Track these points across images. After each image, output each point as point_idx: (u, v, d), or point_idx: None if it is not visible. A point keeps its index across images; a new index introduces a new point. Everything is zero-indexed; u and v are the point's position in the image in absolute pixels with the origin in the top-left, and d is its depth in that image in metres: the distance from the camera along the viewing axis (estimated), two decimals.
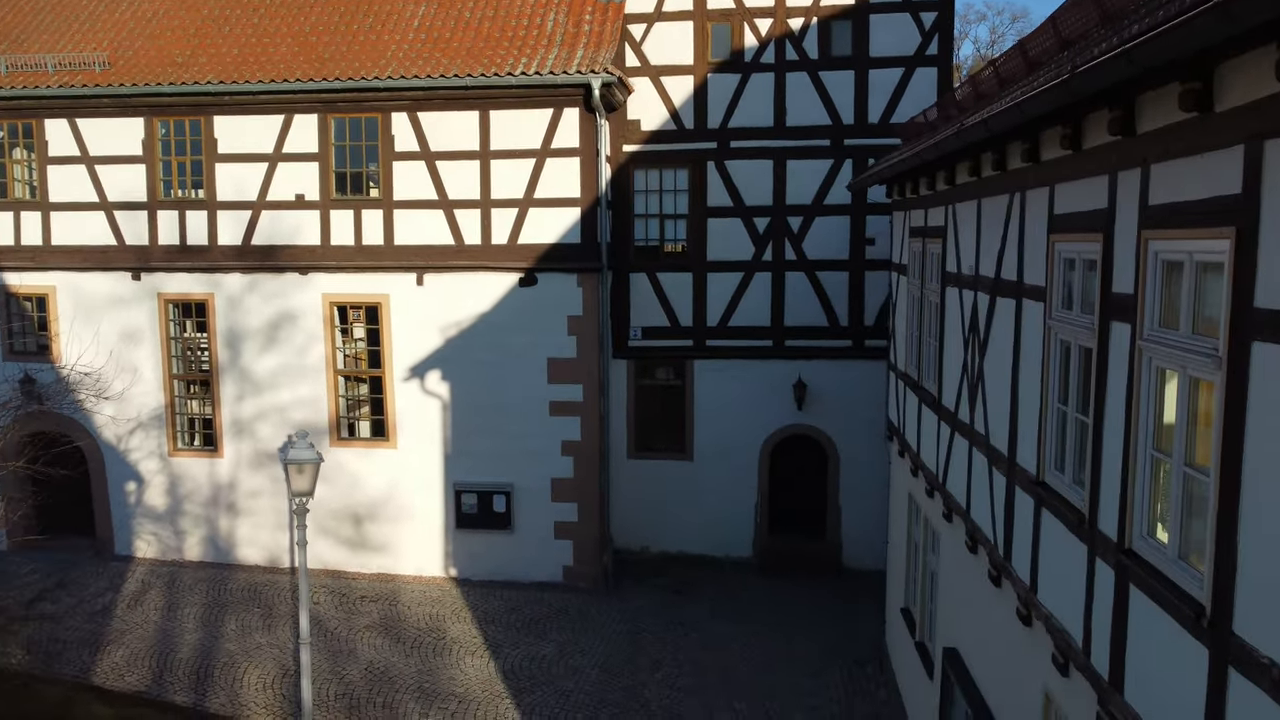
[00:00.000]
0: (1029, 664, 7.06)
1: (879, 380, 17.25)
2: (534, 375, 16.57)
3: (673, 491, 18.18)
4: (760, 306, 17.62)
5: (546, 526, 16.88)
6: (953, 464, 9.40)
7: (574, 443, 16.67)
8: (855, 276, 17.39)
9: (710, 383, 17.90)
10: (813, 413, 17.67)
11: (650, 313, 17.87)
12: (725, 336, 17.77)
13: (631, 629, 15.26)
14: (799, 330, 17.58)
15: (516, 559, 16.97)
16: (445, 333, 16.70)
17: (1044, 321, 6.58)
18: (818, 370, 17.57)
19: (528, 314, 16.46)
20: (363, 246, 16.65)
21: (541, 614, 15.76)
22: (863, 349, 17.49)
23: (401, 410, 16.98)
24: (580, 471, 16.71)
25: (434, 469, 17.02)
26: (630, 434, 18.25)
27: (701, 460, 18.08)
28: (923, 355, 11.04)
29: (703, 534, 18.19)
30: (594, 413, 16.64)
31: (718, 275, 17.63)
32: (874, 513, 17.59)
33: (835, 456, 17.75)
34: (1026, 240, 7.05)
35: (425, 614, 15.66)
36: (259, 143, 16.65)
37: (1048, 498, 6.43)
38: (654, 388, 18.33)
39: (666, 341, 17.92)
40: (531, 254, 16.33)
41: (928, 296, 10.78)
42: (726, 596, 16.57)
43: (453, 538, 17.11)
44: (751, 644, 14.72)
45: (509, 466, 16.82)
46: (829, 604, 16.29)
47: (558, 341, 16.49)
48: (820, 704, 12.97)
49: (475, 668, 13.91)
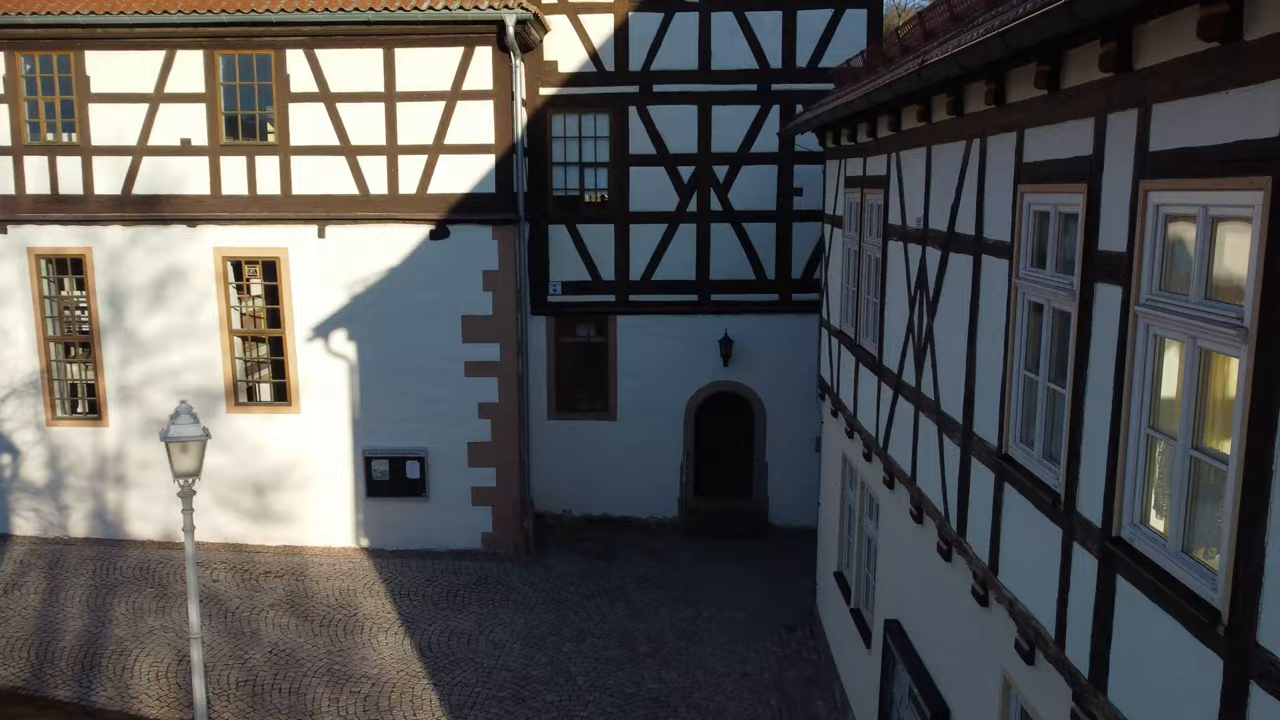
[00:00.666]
0: (985, 645, 6.62)
1: (807, 335, 16.79)
2: (448, 334, 15.63)
3: (596, 453, 17.52)
4: (685, 260, 16.93)
5: (464, 492, 16.07)
6: (896, 428, 8.90)
7: (491, 405, 15.82)
8: (783, 228, 16.80)
9: (634, 340, 17.20)
10: (739, 369, 17.14)
11: (570, 266, 17.03)
12: (649, 291, 17.05)
13: (555, 598, 14.63)
14: (725, 284, 16.96)
15: (432, 527, 16.15)
16: (351, 289, 15.60)
17: (1009, 280, 6.02)
18: (744, 325, 17.01)
19: (440, 269, 15.46)
20: (257, 196, 15.36)
21: (460, 584, 15.01)
22: (790, 303, 16.97)
23: (305, 373, 15.87)
24: (498, 435, 15.91)
25: (341, 435, 16.00)
26: (551, 394, 17.48)
27: (625, 420, 17.44)
28: (861, 312, 10.50)
29: (627, 496, 17.61)
30: (512, 373, 15.80)
31: (641, 227, 16.84)
32: (801, 470, 17.24)
33: (762, 413, 17.29)
34: (989, 191, 6.46)
35: (335, 589, 14.77)
36: (138, 82, 15.13)
37: (1012, 473, 5.91)
38: (575, 345, 17.55)
39: (588, 297, 17.13)
40: (443, 205, 15.28)
41: (867, 251, 10.22)
42: (653, 560, 16.06)
43: (363, 507, 16.18)
44: (679, 610, 14.25)
45: (423, 431, 15.91)
46: (757, 565, 15.92)
47: (473, 298, 15.55)
48: (751, 671, 12.58)
49: (390, 646, 13.12)
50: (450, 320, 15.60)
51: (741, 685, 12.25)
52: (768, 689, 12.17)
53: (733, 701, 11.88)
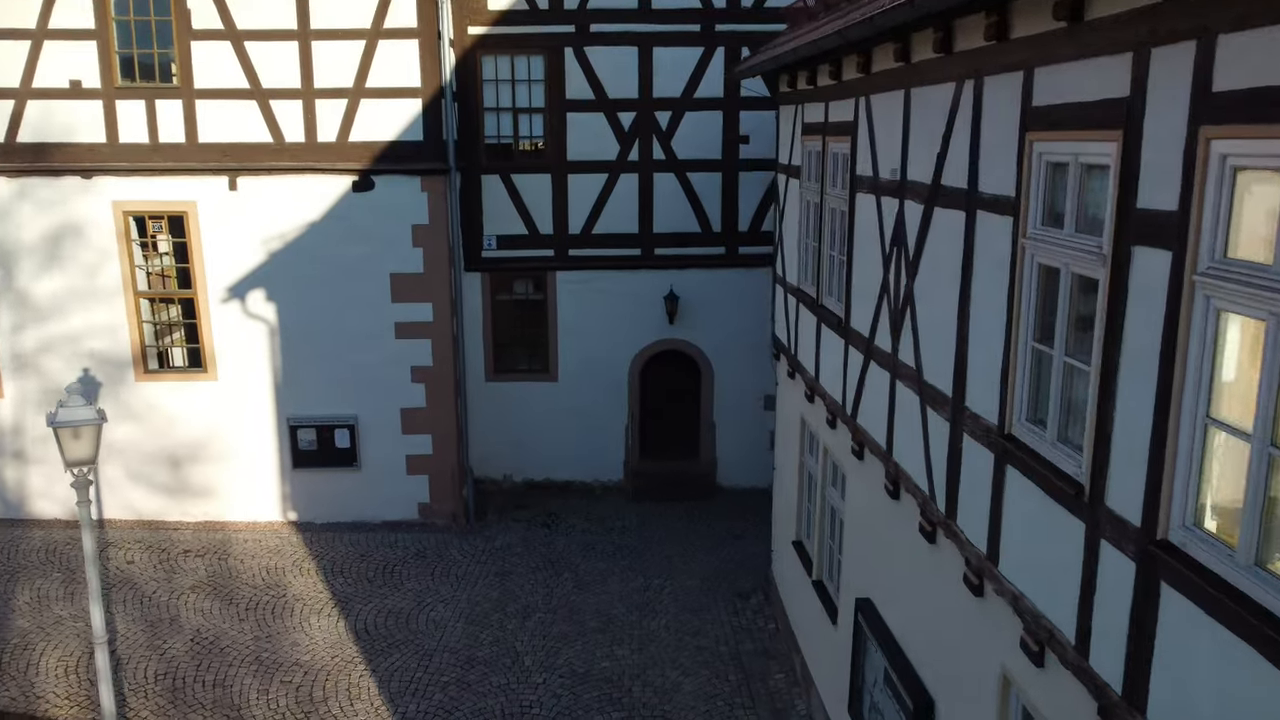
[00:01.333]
0: (980, 638, 6.09)
1: (754, 290, 16.17)
2: (376, 294, 14.60)
3: (536, 415, 16.74)
4: (627, 212, 16.07)
5: (398, 461, 15.18)
6: (868, 396, 8.30)
7: (425, 368, 14.89)
8: (729, 178, 16.02)
9: (574, 296, 16.35)
10: (685, 326, 16.44)
11: (506, 220, 16.04)
12: (589, 245, 16.18)
13: (498, 570, 13.92)
14: (669, 238, 16.17)
15: (365, 498, 15.25)
16: (268, 246, 14.43)
17: (1014, 240, 5.36)
18: (690, 280, 16.27)
19: (365, 223, 14.37)
20: (160, 145, 14.02)
21: (396, 558, 14.19)
22: (737, 257, 16.28)
23: (220, 337, 14.71)
24: (433, 399, 15.00)
25: (263, 403, 14.93)
26: (488, 355, 16.58)
27: (566, 381, 16.65)
28: (823, 270, 9.83)
29: (570, 459, 16.90)
30: (446, 334, 14.86)
31: (580, 177, 15.91)
32: (749, 430, 16.73)
33: (709, 372, 16.66)
34: (985, 139, 5.77)
35: (262, 567, 13.83)
36: (16, 16, 13.58)
37: (1019, 456, 5.32)
38: (512, 303, 16.65)
39: (525, 252, 16.19)
40: (366, 154, 14.15)
41: (830, 203, 9.52)
42: (599, 528, 15.42)
43: (290, 478, 15.19)
44: (629, 580, 13.66)
45: (352, 397, 14.93)
46: (706, 529, 15.39)
47: (402, 255, 14.51)
48: (706, 644, 12.06)
49: (322, 630, 12.28)
50: (378, 279, 14.56)
51: (697, 659, 11.73)
52: (724, 663, 11.67)
53: (689, 678, 11.35)
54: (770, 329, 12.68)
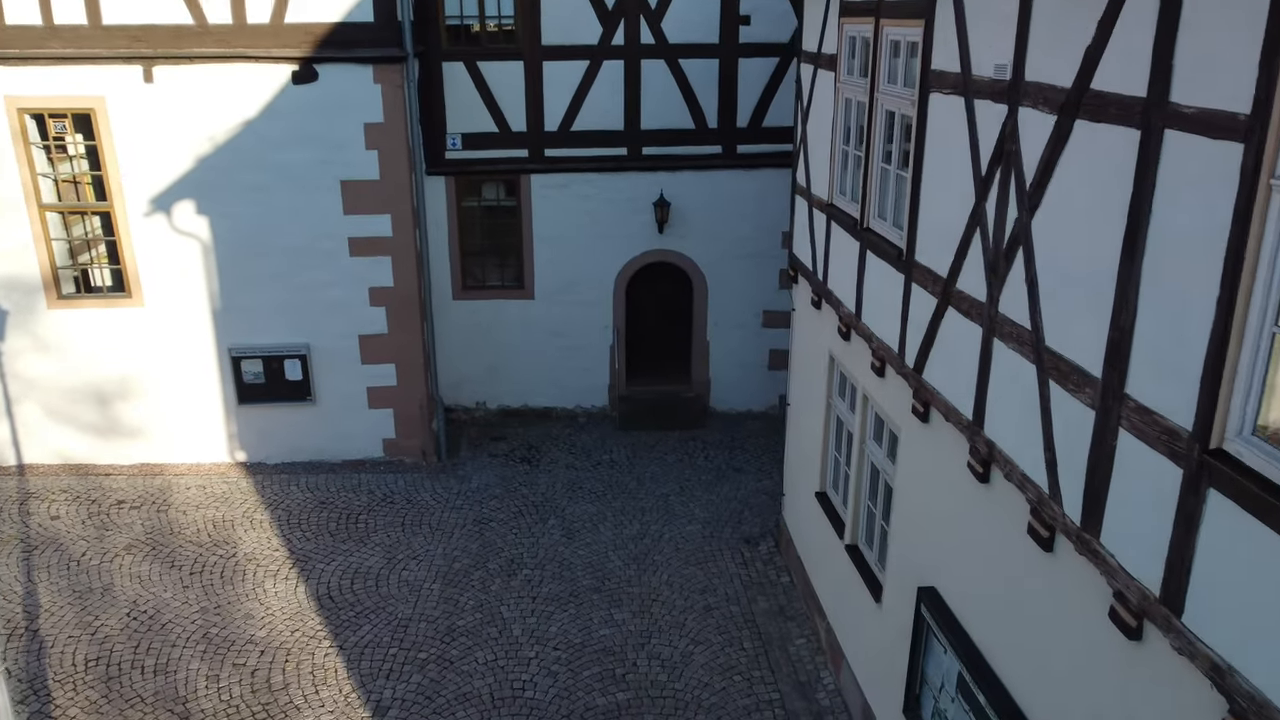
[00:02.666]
0: (1134, 688, 4.70)
1: (754, 194, 14.44)
2: (325, 204, 12.63)
3: (511, 336, 15.06)
4: (611, 105, 14.07)
5: (358, 394, 13.49)
6: (941, 349, 6.74)
7: (385, 289, 13.06)
8: (727, 66, 14.03)
9: (552, 202, 14.48)
10: (676, 235, 14.68)
11: (472, 115, 13.99)
12: (568, 144, 14.22)
13: (476, 517, 12.46)
14: (659, 135, 14.23)
15: (323, 435, 13.62)
16: (196, 149, 12.32)
17: (1250, 180, 3.72)
18: (682, 184, 14.44)
19: (309, 122, 12.29)
20: (55, 27, 11.71)
21: (361, 505, 12.67)
22: (735, 156, 14.43)
23: (146, 257, 12.72)
24: (396, 324, 13.23)
25: (200, 331, 13.06)
26: (455, 270, 14.75)
27: (544, 297, 14.92)
28: (871, 186, 8.13)
29: (549, 384, 15.33)
30: (408, 249, 12.99)
31: (557, 65, 13.82)
32: (746, 349, 15.24)
33: (702, 286, 15.00)
34: (1191, 25, 4.05)
35: (208, 520, 12.24)
36: None
37: (1234, 482, 3.81)
38: (482, 211, 14.74)
39: (495, 151, 14.20)
40: (306, 38, 11.96)
41: (886, 104, 7.75)
42: (584, 462, 13.97)
43: (236, 415, 13.47)
44: (623, 526, 12.28)
45: (302, 323, 13.11)
46: (703, 462, 14.00)
47: (353, 158, 12.49)
48: (715, 603, 10.78)
49: (280, 597, 10.81)
50: (327, 187, 12.57)
51: (706, 623, 10.46)
52: (738, 626, 10.41)
53: (699, 646, 10.09)
54: (787, 245, 10.99)
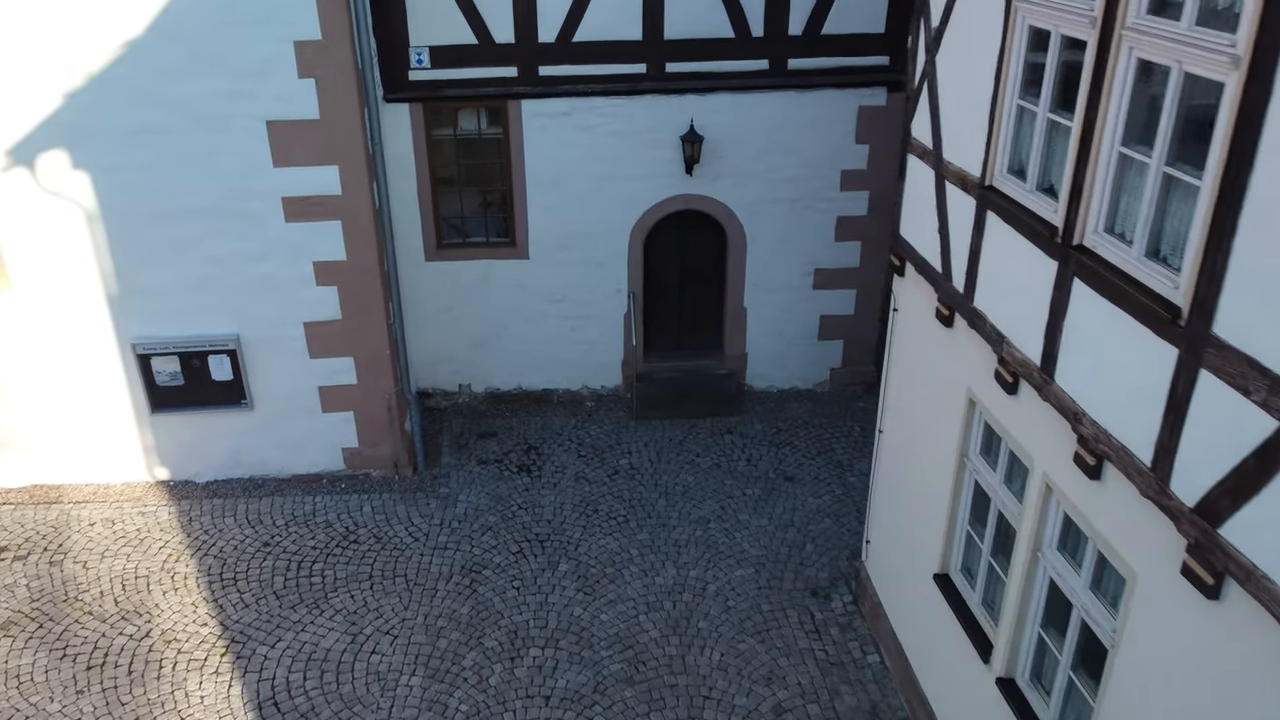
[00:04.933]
0: None
1: (809, 120, 11.35)
2: (247, 152, 9.35)
3: (500, 303, 12.02)
4: (625, 6, 10.67)
5: (308, 394, 10.51)
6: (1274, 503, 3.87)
7: (335, 264, 9.92)
8: None
9: (549, 134, 11.21)
10: (708, 176, 11.51)
11: (443, 22, 10.56)
12: (569, 59, 10.86)
13: (466, 562, 9.69)
14: (688, 46, 10.89)
15: (265, 445, 10.69)
16: (68, 79, 8.93)
17: None
18: (717, 110, 11.19)
19: (216, 39, 8.89)
20: None
21: (315, 546, 9.86)
22: (785, 73, 11.13)
23: (9, 227, 9.47)
24: (352, 307, 10.14)
25: (90, 320, 9.93)
26: (428, 223, 11.56)
27: (541, 255, 11.81)
28: (1094, 179, 5.08)
29: (549, 361, 12.39)
30: (364, 209, 9.79)
31: None
32: (792, 314, 12.39)
33: (740, 239, 11.91)
34: None
35: (116, 575, 9.41)
36: None
37: None
38: (459, 145, 11.45)
39: (474, 70, 10.83)
40: None
41: (1153, 55, 4.63)
42: (597, 467, 11.15)
43: (150, 425, 10.48)
44: (653, 572, 9.57)
45: (228, 309, 10.01)
46: (745, 467, 11.23)
47: (282, 89, 9.15)
48: (787, 701, 8.15)
49: (207, 704, 8.07)
50: (246, 128, 9.25)
51: None
52: None
53: None
54: (893, 224, 7.93)
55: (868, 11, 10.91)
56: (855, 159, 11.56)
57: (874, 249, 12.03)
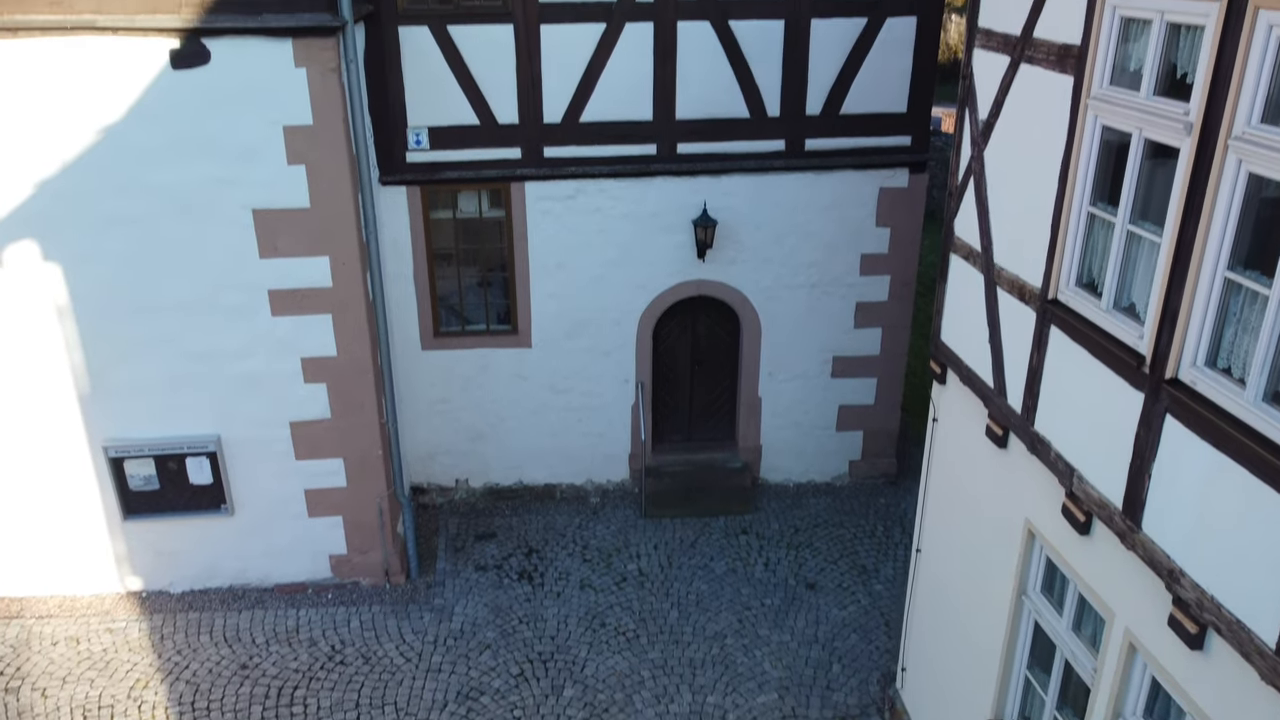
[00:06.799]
0: None
1: (824, 202, 10.78)
2: (231, 242, 8.71)
3: (501, 393, 11.31)
4: (635, 86, 10.14)
5: (293, 499, 9.74)
6: None
7: (325, 360, 9.22)
8: (794, 29, 10.09)
9: (554, 218, 10.62)
10: (722, 260, 10.90)
11: (443, 101, 10.01)
12: (576, 140, 10.31)
13: (463, 687, 8.84)
14: (701, 126, 10.35)
15: (245, 553, 9.89)
16: (42, 165, 8.31)
17: None
18: (731, 192, 10.61)
19: (201, 123, 8.30)
20: None
21: (298, 669, 9.00)
22: (803, 154, 10.59)
23: None
24: (341, 405, 9.42)
25: (61, 422, 9.19)
26: (425, 309, 10.90)
27: (544, 343, 11.14)
28: (1192, 306, 4.43)
29: (552, 454, 11.65)
30: (356, 301, 9.12)
31: (560, 30, 9.83)
32: (808, 403, 11.69)
33: (754, 325, 11.26)
34: None
35: (78, 705, 8.54)
36: None
37: None
38: (460, 227, 10.84)
39: (475, 151, 10.26)
40: (190, 0, 7.93)
41: (1243, 159, 4.01)
42: (604, 573, 10.35)
43: (122, 533, 9.68)
44: (667, 698, 8.72)
45: (209, 407, 9.28)
46: (762, 571, 10.44)
47: (270, 176, 8.54)
48: None
49: None
50: (232, 217, 8.62)
51: None
52: None
53: None
54: (934, 329, 7.28)
55: (889, 91, 10.40)
56: (876, 242, 10.97)
57: (895, 336, 11.39)
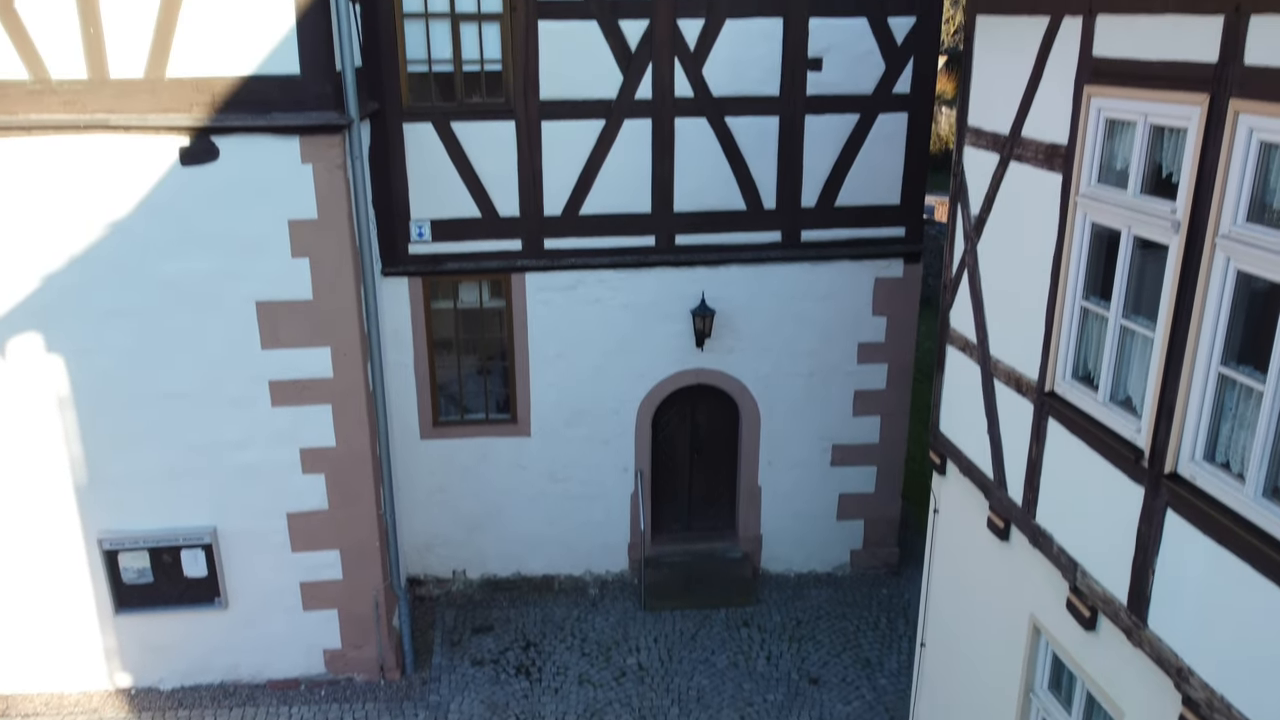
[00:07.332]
0: None
1: (821, 292, 10.91)
2: (233, 334, 8.78)
3: (499, 483, 11.25)
4: (634, 180, 10.36)
5: (288, 592, 9.61)
6: None
7: (323, 451, 9.21)
8: (789, 125, 10.35)
9: (554, 309, 10.72)
10: (720, 349, 10.97)
11: (446, 195, 10.21)
12: (576, 232, 10.48)
13: None
14: (698, 219, 10.54)
15: (238, 648, 9.71)
16: (47, 259, 8.43)
17: None
18: (728, 282, 10.75)
19: (207, 218, 8.45)
20: None
21: None
22: (799, 245, 10.76)
23: None
24: (339, 496, 9.37)
25: (56, 514, 9.13)
26: (424, 399, 10.92)
27: (543, 433, 11.13)
28: (1188, 400, 4.46)
29: (550, 545, 11.53)
30: (356, 392, 9.15)
31: (561, 126, 10.08)
32: (809, 492, 11.65)
33: (753, 412, 11.27)
34: None
35: None
36: None
37: None
38: (460, 317, 10.93)
39: (477, 243, 10.42)
40: (200, 99, 8.14)
41: (1231, 257, 4.09)
42: (604, 672, 10.15)
43: (113, 627, 9.52)
44: None
45: (205, 499, 9.22)
46: (764, 666, 10.24)
47: (274, 269, 8.66)
48: None
49: None
50: (237, 310, 8.71)
51: None
52: None
53: None
54: (932, 419, 7.29)
55: (882, 183, 10.63)
56: (873, 331, 11.06)
57: (894, 424, 11.41)
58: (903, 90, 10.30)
